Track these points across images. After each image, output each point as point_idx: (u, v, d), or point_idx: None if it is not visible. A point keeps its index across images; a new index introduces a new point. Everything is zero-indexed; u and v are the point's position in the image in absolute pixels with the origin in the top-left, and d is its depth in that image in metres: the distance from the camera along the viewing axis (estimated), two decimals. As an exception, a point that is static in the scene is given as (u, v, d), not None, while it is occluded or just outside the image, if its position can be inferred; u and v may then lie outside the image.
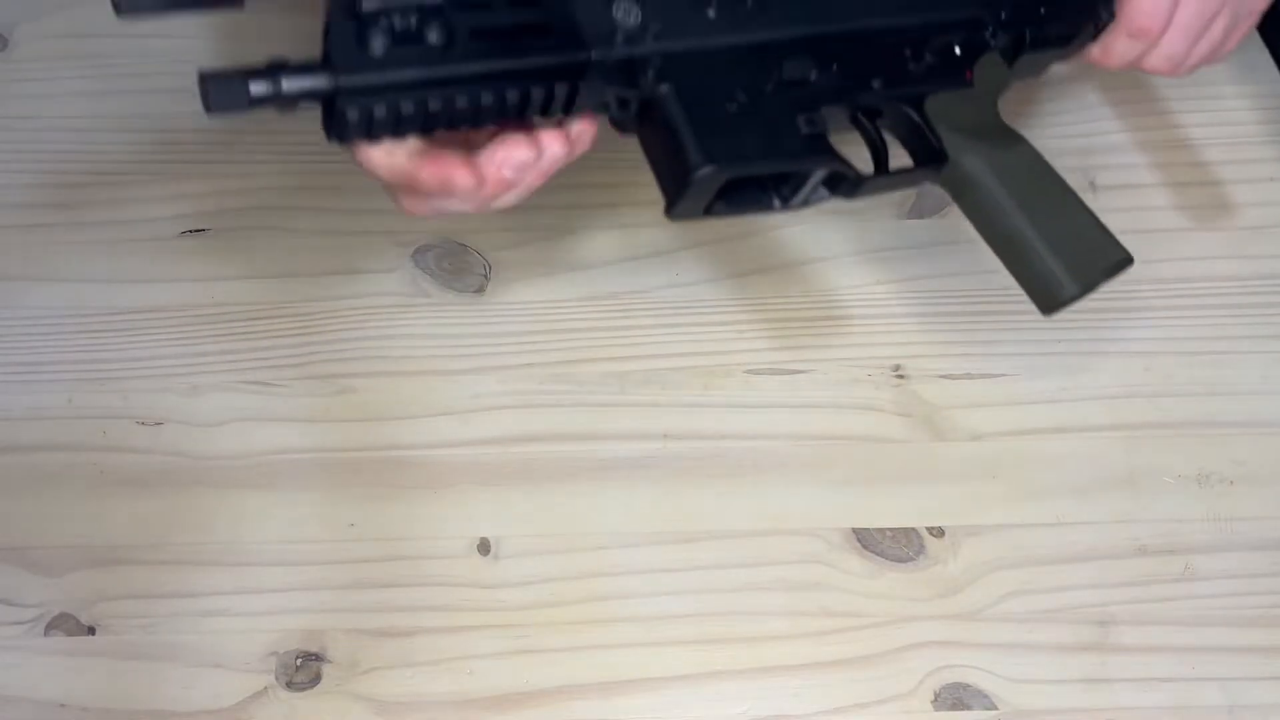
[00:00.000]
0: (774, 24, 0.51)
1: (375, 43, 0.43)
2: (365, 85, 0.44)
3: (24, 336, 0.70)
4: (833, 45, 0.52)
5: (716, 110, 0.48)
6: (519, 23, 0.46)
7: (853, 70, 0.53)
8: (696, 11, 0.49)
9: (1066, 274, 0.53)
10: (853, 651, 0.61)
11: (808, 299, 0.69)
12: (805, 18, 0.52)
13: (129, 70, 0.77)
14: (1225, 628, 0.61)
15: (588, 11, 0.47)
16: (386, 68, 0.44)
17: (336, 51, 0.43)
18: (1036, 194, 0.54)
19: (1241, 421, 0.66)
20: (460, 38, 0.45)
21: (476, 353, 0.68)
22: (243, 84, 0.43)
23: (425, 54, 0.44)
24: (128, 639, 0.62)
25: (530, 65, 0.46)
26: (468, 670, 0.61)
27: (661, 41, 0.48)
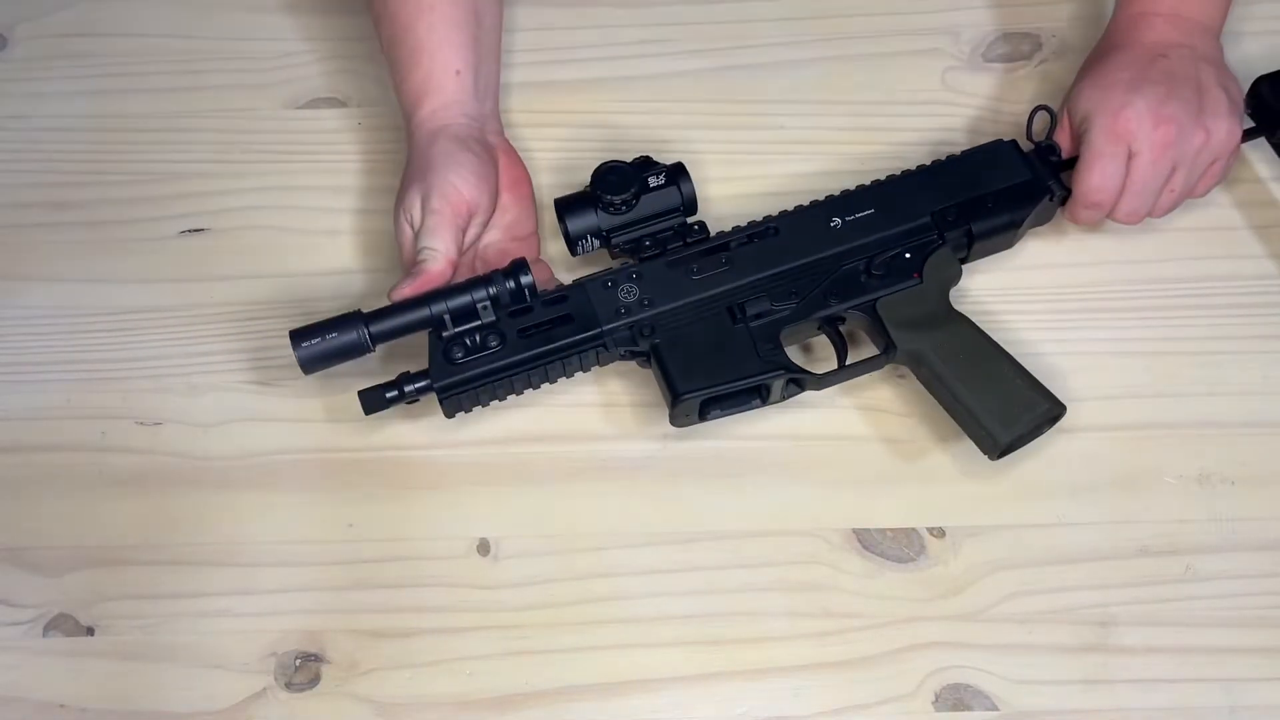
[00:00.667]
0: (742, 274, 0.65)
1: (455, 354, 0.63)
2: (451, 384, 0.63)
3: (23, 336, 0.69)
4: (791, 279, 0.66)
5: (694, 351, 0.64)
6: (550, 318, 0.64)
7: (810, 294, 0.65)
8: (682, 277, 0.65)
9: (998, 428, 0.62)
10: (853, 652, 0.61)
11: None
12: (764, 264, 0.66)
13: (128, 70, 0.77)
14: (1226, 628, 0.61)
15: (600, 297, 0.65)
16: (463, 369, 0.63)
17: (432, 364, 0.63)
18: (972, 368, 0.64)
19: (1242, 422, 0.66)
20: (511, 338, 0.64)
21: (476, 353, 0.68)
22: (382, 394, 0.63)
23: (489, 355, 0.63)
24: (127, 639, 0.62)
25: (561, 345, 0.64)
26: (467, 671, 0.61)
27: (652, 308, 0.65)
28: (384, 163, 0.74)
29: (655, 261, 0.66)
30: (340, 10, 0.78)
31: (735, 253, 0.66)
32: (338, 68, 0.77)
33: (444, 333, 0.63)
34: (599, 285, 0.65)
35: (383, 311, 0.63)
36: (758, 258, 0.66)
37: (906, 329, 0.64)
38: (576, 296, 0.65)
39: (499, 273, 0.64)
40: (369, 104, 0.76)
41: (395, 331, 0.63)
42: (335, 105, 0.76)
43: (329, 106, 0.76)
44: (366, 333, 0.62)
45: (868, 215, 0.66)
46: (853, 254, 0.66)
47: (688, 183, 0.65)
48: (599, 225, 0.65)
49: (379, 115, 0.75)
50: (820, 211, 0.67)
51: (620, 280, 0.65)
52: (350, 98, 0.76)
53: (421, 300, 0.63)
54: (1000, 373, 0.64)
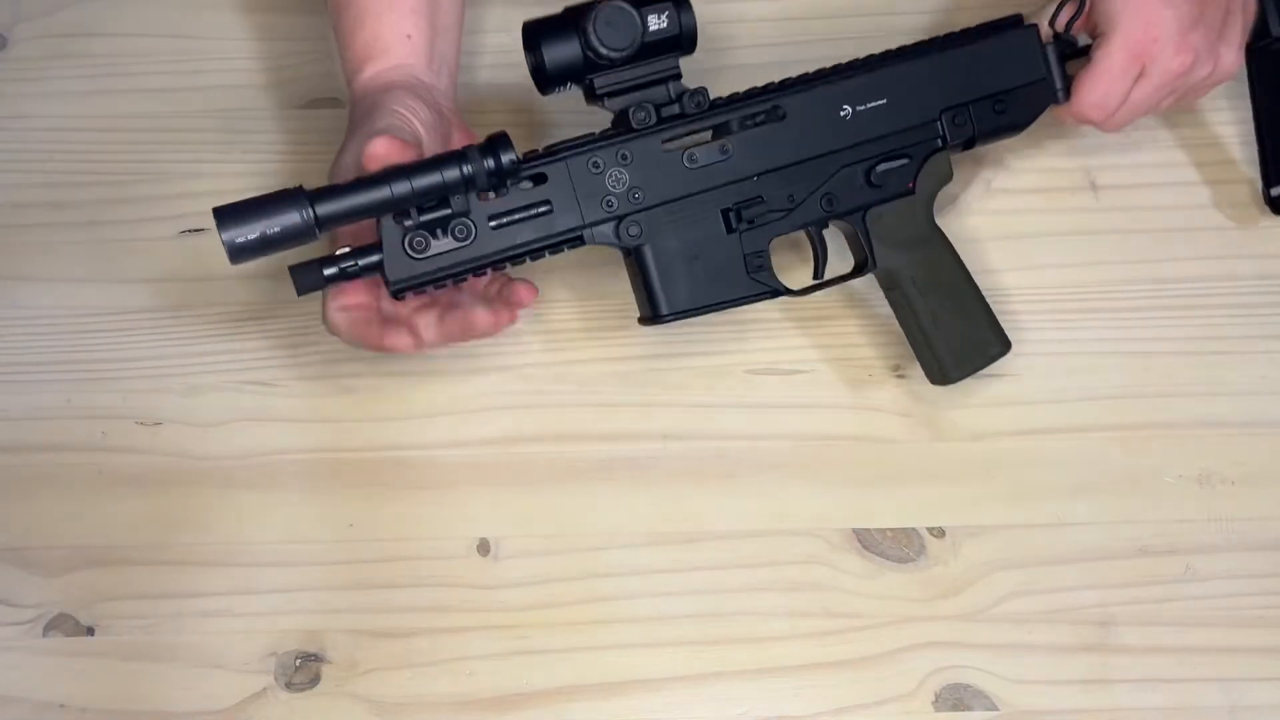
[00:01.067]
0: (742, 167, 0.60)
1: (417, 245, 0.55)
2: (409, 278, 0.56)
3: (23, 336, 0.69)
4: (792, 177, 0.61)
5: (681, 265, 0.59)
6: (527, 204, 0.57)
7: (807, 198, 0.61)
8: (675, 165, 0.59)
9: (954, 366, 0.63)
10: (853, 652, 0.61)
11: (808, 299, 0.69)
12: (767, 157, 0.60)
13: (128, 70, 0.77)
14: (1226, 628, 0.61)
15: (585, 183, 0.58)
16: (427, 265, 0.56)
17: (387, 254, 0.55)
18: (943, 299, 0.63)
19: (1242, 421, 0.66)
20: (481, 230, 0.56)
21: (476, 353, 0.68)
22: (319, 270, 0.55)
23: (455, 249, 0.56)
24: (127, 639, 0.62)
25: (540, 241, 0.57)
26: (467, 671, 0.61)
27: (642, 203, 0.58)
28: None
29: (644, 141, 0.58)
30: (340, 10, 0.78)
31: (737, 138, 0.59)
32: (338, 68, 0.77)
33: (406, 221, 0.55)
34: (583, 166, 0.57)
35: (331, 190, 0.53)
36: (761, 148, 0.60)
37: (889, 246, 0.63)
38: (557, 178, 0.57)
39: (475, 148, 0.55)
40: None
41: (347, 214, 0.53)
42: (335, 105, 0.75)
43: (329, 106, 0.75)
44: (312, 213, 0.52)
45: (879, 106, 0.61)
46: (858, 150, 0.61)
47: (688, 12, 0.57)
48: (581, 61, 0.56)
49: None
50: (831, 95, 0.61)
51: (608, 164, 0.57)
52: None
53: (379, 178, 0.53)
54: (966, 309, 0.63)
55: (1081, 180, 0.71)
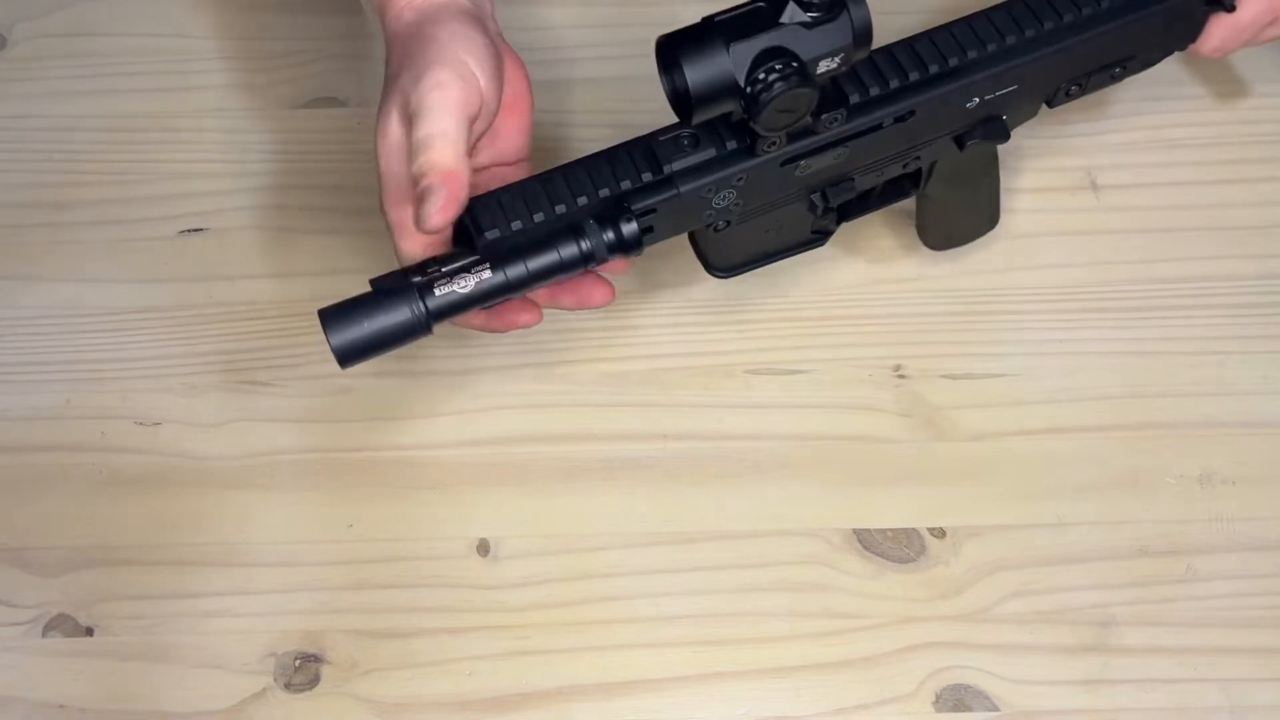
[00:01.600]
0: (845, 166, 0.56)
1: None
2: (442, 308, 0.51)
3: (23, 336, 0.69)
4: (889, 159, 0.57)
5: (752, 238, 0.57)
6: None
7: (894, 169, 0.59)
8: (787, 174, 0.54)
9: (944, 242, 0.66)
10: (854, 652, 0.61)
11: (808, 299, 0.69)
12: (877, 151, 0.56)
13: (128, 69, 0.77)
14: (1227, 629, 0.61)
15: (691, 205, 0.53)
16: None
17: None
18: (962, 194, 0.63)
19: (1243, 422, 0.66)
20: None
21: (476, 353, 0.68)
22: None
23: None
24: (126, 640, 0.62)
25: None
26: (467, 671, 0.61)
27: (741, 208, 0.55)
28: (384, 163, 0.74)
29: (769, 160, 0.52)
30: (340, 10, 0.78)
31: (860, 143, 0.54)
32: (338, 68, 0.77)
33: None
34: (694, 195, 0.52)
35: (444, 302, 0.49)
36: (877, 145, 0.55)
37: (945, 182, 0.62)
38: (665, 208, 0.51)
39: (592, 222, 0.50)
40: (369, 104, 0.75)
41: (461, 306, 0.49)
42: (335, 105, 0.75)
43: (329, 106, 0.75)
44: (423, 309, 0.47)
45: (1008, 93, 0.56)
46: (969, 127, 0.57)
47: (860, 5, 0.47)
48: (734, 76, 0.46)
49: (379, 115, 0.75)
50: (964, 90, 0.55)
51: (721, 186, 0.52)
52: (350, 98, 0.76)
53: (500, 259, 0.49)
54: (977, 202, 0.65)
55: (1081, 180, 0.71)
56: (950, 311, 0.69)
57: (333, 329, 0.49)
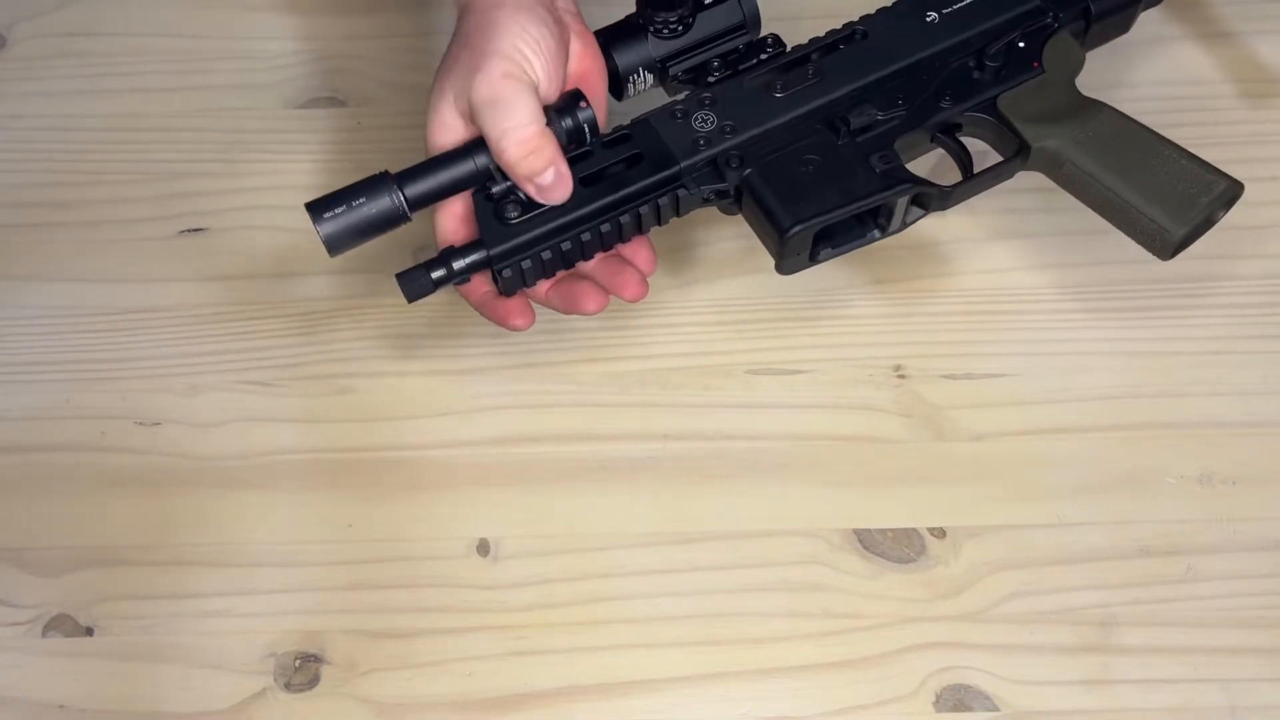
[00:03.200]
0: (834, 85, 0.57)
1: (510, 214, 0.54)
2: (510, 249, 0.55)
3: (22, 336, 0.69)
4: (894, 83, 0.58)
5: (795, 177, 0.55)
6: (616, 159, 0.56)
7: (919, 98, 0.58)
8: (765, 97, 0.57)
9: (1168, 219, 0.56)
10: (854, 653, 0.61)
11: (808, 299, 0.69)
12: (859, 71, 0.58)
13: (128, 69, 0.77)
14: (1227, 629, 0.61)
15: (671, 131, 0.56)
16: (522, 231, 0.54)
17: (483, 228, 0.55)
18: (1123, 155, 0.56)
19: (1243, 422, 0.66)
20: (574, 189, 0.54)
21: (476, 353, 0.68)
22: (426, 273, 0.55)
23: (548, 210, 0.55)
24: (126, 640, 0.62)
25: (633, 190, 0.55)
26: (467, 671, 0.61)
27: (736, 135, 0.56)
28: (384, 163, 0.73)
29: (728, 84, 0.57)
30: (340, 10, 0.78)
31: (822, 62, 0.57)
32: (338, 67, 0.77)
33: (492, 189, 0.55)
34: (666, 118, 0.56)
35: (416, 169, 0.54)
36: (850, 66, 0.57)
37: (1038, 124, 0.57)
38: (642, 134, 0.56)
39: (550, 109, 0.54)
40: (369, 104, 0.76)
41: (436, 192, 0.53)
42: (335, 105, 0.75)
43: (329, 106, 0.75)
44: (401, 196, 0.53)
45: (968, 4, 0.59)
46: (957, 50, 0.58)
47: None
48: (651, 54, 0.56)
49: (379, 115, 0.75)
50: (911, 5, 0.59)
51: (692, 109, 0.56)
52: (350, 98, 0.76)
53: (460, 152, 0.53)
54: (1160, 155, 0.56)
55: (1082, 180, 0.71)
56: (950, 311, 0.69)
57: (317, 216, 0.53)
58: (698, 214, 0.68)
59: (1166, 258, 0.57)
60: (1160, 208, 0.56)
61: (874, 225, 0.56)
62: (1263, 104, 0.73)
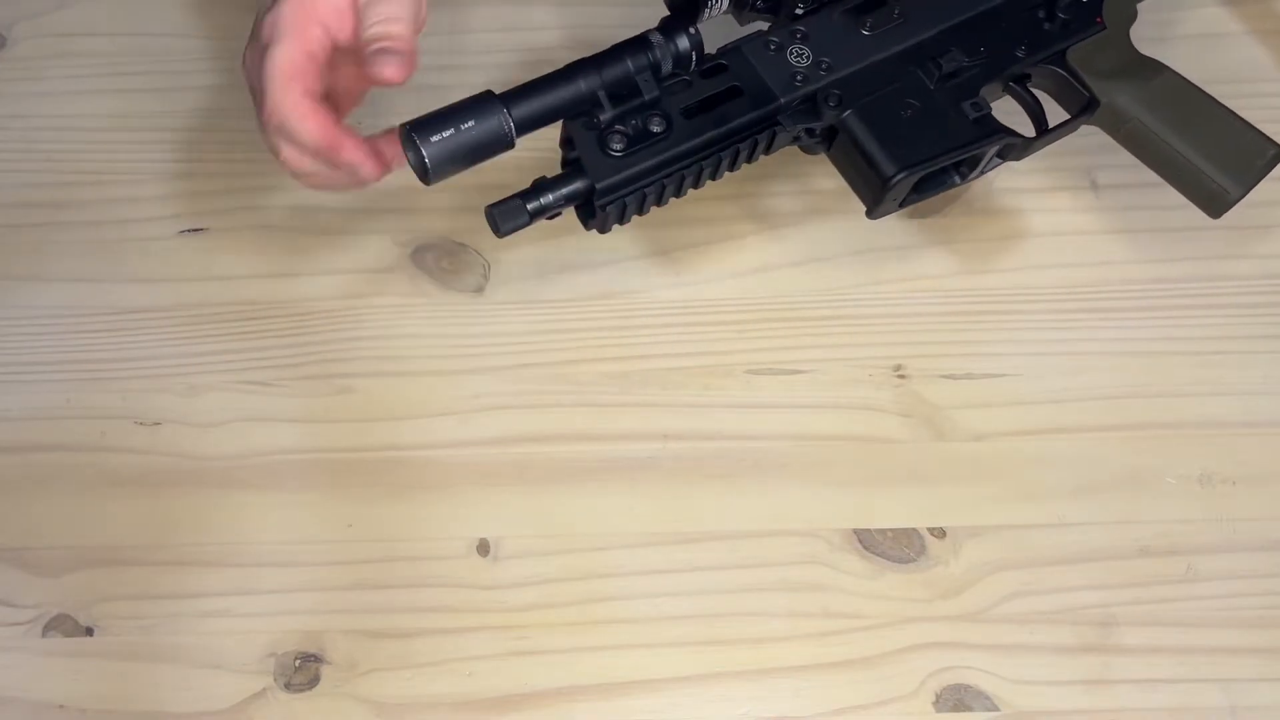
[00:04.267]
0: (921, 27, 0.58)
1: (615, 146, 0.52)
2: (616, 183, 0.53)
3: (22, 336, 0.69)
4: (975, 29, 0.58)
5: (894, 121, 0.55)
6: (716, 92, 0.54)
7: (998, 46, 0.59)
8: (853, 34, 0.57)
9: (1229, 180, 0.59)
10: (854, 652, 0.61)
11: (808, 299, 0.69)
12: (945, 13, 0.59)
13: (127, 69, 0.77)
14: (1227, 629, 0.61)
15: (767, 65, 0.55)
16: (630, 164, 0.53)
17: (587, 159, 0.52)
18: (1185, 115, 0.59)
19: (1243, 422, 0.66)
20: (676, 120, 0.53)
21: (476, 353, 0.68)
22: (522, 205, 0.53)
23: (655, 143, 0.53)
24: (126, 640, 0.62)
25: (736, 125, 0.54)
26: (467, 671, 0.61)
27: (833, 72, 0.55)
28: (384, 163, 0.74)
29: (817, 17, 0.56)
30: (340, 10, 0.78)
31: (905, 2, 0.57)
32: (338, 68, 0.77)
33: (600, 116, 0.53)
34: (760, 48, 0.55)
35: (522, 91, 0.51)
36: (933, 7, 0.58)
37: (1107, 80, 0.60)
38: (738, 65, 0.55)
39: (655, 32, 0.53)
40: (368, 104, 0.75)
41: (542, 116, 0.51)
42: (335, 105, 0.75)
43: (329, 106, 0.75)
44: (509, 121, 0.50)
45: None
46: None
47: None
48: None
49: (379, 115, 0.75)
50: None
51: (786, 42, 0.55)
52: (350, 98, 0.76)
53: (566, 73, 0.51)
54: (1219, 116, 0.59)
55: (1082, 180, 0.71)
56: (950, 311, 0.69)
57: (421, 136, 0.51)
58: (696, 211, 0.68)
59: (1218, 216, 0.60)
60: (1221, 169, 0.59)
61: (956, 173, 0.57)
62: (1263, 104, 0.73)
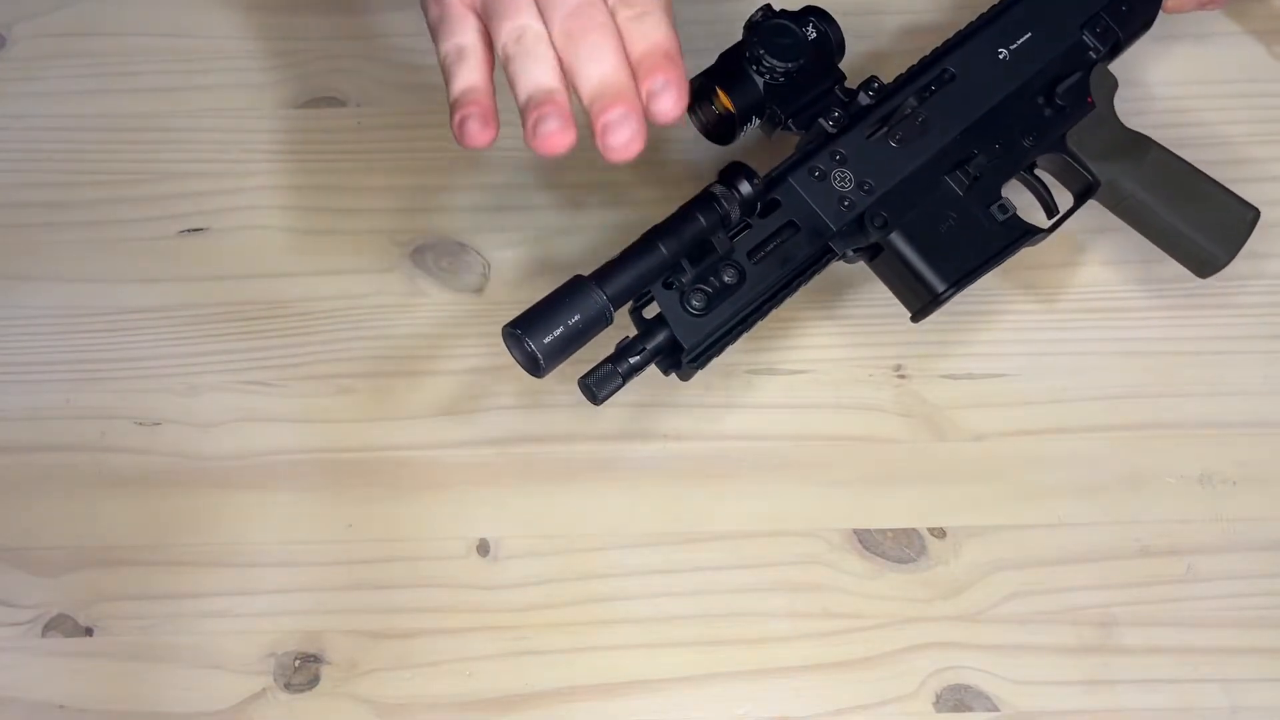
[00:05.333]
0: (943, 132, 0.60)
1: (696, 303, 0.54)
2: (702, 340, 0.55)
3: (22, 336, 0.69)
4: (988, 126, 0.61)
5: (936, 235, 0.58)
6: (774, 230, 0.56)
7: (1010, 141, 0.61)
8: (885, 149, 0.59)
9: (1219, 249, 0.63)
10: (854, 653, 0.61)
11: (808, 299, 0.69)
12: (961, 114, 0.61)
13: (127, 69, 0.77)
14: (1227, 629, 0.61)
15: (815, 194, 0.57)
16: (713, 321, 0.55)
17: (674, 320, 0.54)
18: (1176, 190, 0.63)
19: (1243, 422, 0.66)
20: (747, 269, 0.55)
21: (476, 353, 0.68)
22: (613, 369, 0.55)
23: (730, 294, 0.55)
24: (126, 640, 0.62)
25: (800, 264, 0.56)
26: (467, 672, 0.61)
27: (874, 193, 0.57)
28: (384, 163, 0.74)
29: (849, 137, 0.58)
30: (340, 10, 0.78)
31: (925, 108, 0.60)
32: (338, 67, 0.77)
33: (682, 279, 0.54)
34: (806, 177, 0.57)
35: (606, 270, 0.52)
36: (949, 110, 0.60)
37: (1102, 160, 0.63)
38: (789, 197, 0.56)
39: (716, 184, 0.53)
40: (369, 104, 0.75)
41: (632, 288, 0.52)
42: (335, 105, 0.75)
43: (329, 106, 0.75)
44: (605, 299, 0.51)
45: (1028, 41, 0.62)
46: (1028, 88, 0.62)
47: (835, 27, 0.58)
48: (761, 97, 0.56)
49: (379, 115, 0.75)
50: (983, 44, 0.62)
51: (829, 167, 0.57)
52: (350, 97, 0.76)
53: (647, 244, 0.52)
54: (1203, 189, 0.63)
55: (1082, 180, 0.71)
56: (950, 311, 0.68)
57: (530, 334, 0.51)
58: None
59: (1206, 278, 0.64)
60: (1210, 238, 0.63)
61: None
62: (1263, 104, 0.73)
